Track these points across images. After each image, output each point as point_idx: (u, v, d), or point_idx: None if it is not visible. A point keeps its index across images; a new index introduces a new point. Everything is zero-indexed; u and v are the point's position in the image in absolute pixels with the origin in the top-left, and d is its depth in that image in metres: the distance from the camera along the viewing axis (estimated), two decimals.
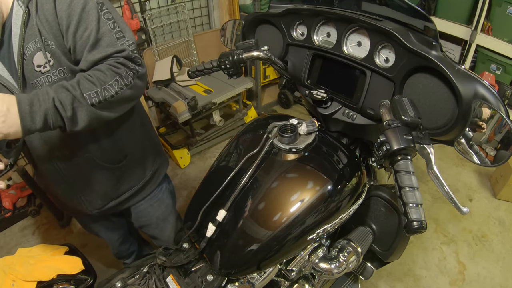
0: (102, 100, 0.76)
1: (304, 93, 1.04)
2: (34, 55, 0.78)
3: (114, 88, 0.78)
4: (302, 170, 0.84)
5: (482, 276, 1.79)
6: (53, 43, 0.78)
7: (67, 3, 0.76)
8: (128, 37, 0.83)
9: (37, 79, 0.80)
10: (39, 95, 0.69)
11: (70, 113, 0.72)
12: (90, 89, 0.74)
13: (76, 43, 0.79)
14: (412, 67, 0.77)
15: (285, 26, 1.04)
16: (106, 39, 0.80)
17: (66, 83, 0.73)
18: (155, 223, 1.26)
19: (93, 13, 0.78)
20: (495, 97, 0.68)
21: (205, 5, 2.89)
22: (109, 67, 0.79)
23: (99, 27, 0.79)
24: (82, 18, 0.77)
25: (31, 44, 0.77)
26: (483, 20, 2.26)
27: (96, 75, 0.76)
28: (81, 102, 0.73)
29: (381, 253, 1.07)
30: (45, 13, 0.76)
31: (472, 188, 2.33)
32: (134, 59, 0.83)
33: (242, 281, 0.89)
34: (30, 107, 0.67)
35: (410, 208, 0.61)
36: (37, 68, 0.79)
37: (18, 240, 2.05)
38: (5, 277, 0.90)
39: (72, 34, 0.78)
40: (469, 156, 0.75)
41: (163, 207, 1.25)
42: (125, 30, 0.83)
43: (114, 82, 0.78)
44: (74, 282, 0.94)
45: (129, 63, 0.82)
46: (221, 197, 0.86)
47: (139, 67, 0.84)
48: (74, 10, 0.76)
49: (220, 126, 2.73)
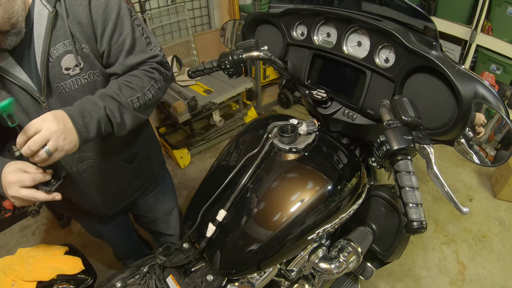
0: (142, 104, 0.82)
1: (304, 93, 1.04)
2: (63, 57, 0.76)
3: (151, 92, 0.84)
4: (302, 170, 0.84)
5: (482, 276, 1.79)
6: (86, 46, 0.78)
7: (103, 8, 0.77)
8: (155, 43, 0.88)
9: (65, 82, 0.79)
10: (86, 106, 0.72)
11: (119, 119, 0.77)
12: (132, 95, 0.79)
13: (111, 47, 0.81)
14: (412, 67, 0.77)
15: (285, 26, 1.04)
16: (139, 45, 0.84)
17: (109, 91, 0.77)
18: (161, 217, 1.28)
19: (127, 19, 0.81)
20: (495, 97, 0.68)
21: (205, 5, 2.89)
22: (144, 72, 0.84)
23: (133, 32, 0.82)
24: (117, 23, 0.79)
25: (60, 45, 0.75)
26: (483, 20, 2.26)
27: (135, 81, 0.81)
28: (127, 108, 0.79)
29: (381, 253, 1.07)
30: (77, 16, 0.76)
31: (472, 188, 2.33)
32: (165, 64, 0.90)
33: (242, 281, 0.89)
34: (83, 119, 0.70)
35: (410, 208, 0.61)
36: (65, 71, 0.78)
37: (18, 240, 2.05)
38: (5, 277, 0.90)
39: (108, 38, 0.79)
40: (469, 156, 0.75)
41: (168, 200, 1.28)
42: (150, 35, 0.88)
43: (151, 86, 0.84)
44: (74, 282, 0.94)
45: (161, 67, 0.88)
46: (221, 197, 0.86)
47: (168, 71, 0.91)
48: (110, 16, 0.78)
49: (220, 126, 2.73)
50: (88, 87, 0.82)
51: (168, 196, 1.28)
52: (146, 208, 1.23)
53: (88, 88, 0.82)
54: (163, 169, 1.25)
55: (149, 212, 1.25)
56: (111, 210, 1.09)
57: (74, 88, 0.80)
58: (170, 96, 2.48)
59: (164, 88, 0.90)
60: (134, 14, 0.84)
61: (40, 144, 0.63)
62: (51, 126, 0.64)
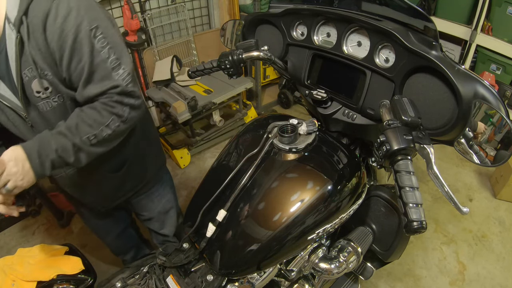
0: (101, 140, 0.81)
1: (304, 93, 1.04)
2: (32, 81, 0.76)
3: (110, 128, 0.81)
4: (302, 170, 0.84)
5: (482, 276, 1.79)
6: (49, 72, 0.76)
7: (58, 34, 0.72)
8: (125, 64, 0.80)
9: (38, 103, 0.80)
10: (43, 146, 0.75)
11: (73, 158, 0.78)
12: (88, 132, 0.78)
13: (71, 75, 0.77)
14: (412, 67, 0.77)
15: (285, 26, 1.04)
16: (100, 71, 0.77)
17: (65, 129, 0.77)
18: (156, 217, 1.29)
19: (86, 43, 0.74)
20: (495, 97, 0.68)
21: (205, 5, 2.89)
22: (104, 107, 0.79)
23: (92, 58, 0.75)
24: (74, 49, 0.74)
25: (27, 71, 0.75)
26: (483, 20, 2.26)
27: (93, 117, 0.78)
28: (81, 147, 0.79)
29: (381, 253, 1.07)
30: (38, 42, 0.73)
31: (472, 188, 2.33)
32: (130, 93, 0.81)
33: (242, 281, 0.89)
34: (39, 159, 0.74)
35: (410, 208, 0.61)
36: (36, 94, 0.78)
37: (18, 240, 2.05)
38: (5, 277, 0.90)
39: (66, 66, 0.76)
40: (469, 156, 0.75)
41: (164, 201, 1.28)
42: (121, 55, 0.79)
43: (111, 121, 0.80)
44: (74, 282, 0.94)
45: (124, 98, 0.81)
46: (221, 197, 0.86)
47: (135, 100, 0.83)
48: (66, 42, 0.72)
49: (220, 126, 2.73)
50: (59, 109, 0.83)
51: (164, 197, 1.27)
52: (140, 207, 1.24)
53: (60, 110, 0.83)
54: (160, 170, 1.23)
55: (143, 211, 1.26)
56: (105, 207, 1.14)
57: (47, 109, 0.82)
58: (170, 96, 2.48)
59: (131, 119, 0.84)
60: (101, 32, 0.75)
61: (2, 184, 0.72)
62: (11, 169, 0.71)
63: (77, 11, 0.72)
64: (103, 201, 1.14)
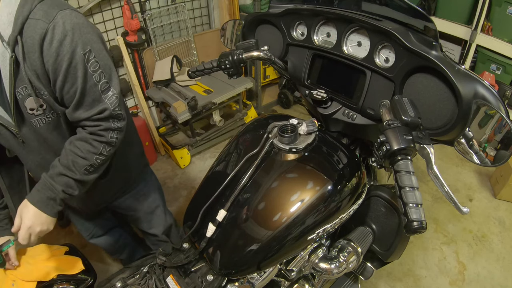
0: (97, 167, 0.88)
1: (304, 93, 1.04)
2: (25, 99, 0.78)
3: (103, 154, 0.87)
4: (302, 170, 0.84)
5: (482, 276, 1.79)
6: (45, 91, 0.78)
7: (54, 58, 0.73)
8: (113, 86, 0.84)
9: (31, 120, 0.82)
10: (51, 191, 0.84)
11: (77, 190, 0.87)
12: (85, 164, 0.85)
13: (63, 96, 0.81)
14: (412, 67, 0.77)
15: (285, 26, 1.04)
16: (91, 95, 0.80)
17: (63, 169, 0.83)
18: (143, 216, 1.30)
19: (80, 68, 0.76)
20: (495, 97, 0.68)
21: (205, 5, 2.89)
22: (94, 137, 0.85)
23: (85, 83, 0.78)
24: (68, 74, 0.76)
25: (21, 89, 0.76)
26: (483, 20, 2.26)
27: (85, 148, 0.84)
28: (82, 179, 0.86)
29: (381, 253, 1.07)
30: (33, 64, 0.74)
31: (472, 188, 2.33)
32: (117, 115, 0.86)
33: (242, 281, 0.89)
34: (51, 204, 0.85)
35: (410, 208, 0.61)
36: (29, 111, 0.80)
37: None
38: (5, 277, 0.90)
39: (59, 89, 0.78)
40: (469, 156, 0.75)
41: (150, 200, 1.29)
42: (111, 78, 0.83)
43: (102, 149, 0.86)
44: (74, 282, 0.94)
45: (111, 124, 0.86)
46: (221, 197, 0.86)
47: (121, 123, 0.88)
48: (61, 66, 0.74)
49: (220, 126, 2.73)
50: (52, 125, 0.86)
51: (149, 196, 1.29)
52: (126, 207, 1.24)
53: (53, 126, 0.87)
54: (143, 171, 1.26)
55: (130, 211, 1.27)
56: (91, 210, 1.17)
57: (40, 126, 0.84)
58: (170, 96, 2.48)
59: (119, 141, 0.90)
60: (93, 57, 0.78)
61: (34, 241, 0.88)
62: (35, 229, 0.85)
63: (71, 36, 0.73)
64: (90, 205, 1.16)
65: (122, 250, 1.54)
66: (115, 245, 1.49)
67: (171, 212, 1.47)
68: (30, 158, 0.94)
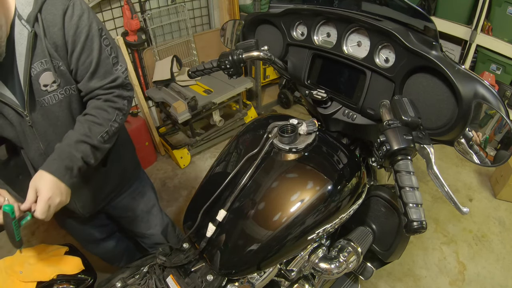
0: (111, 135, 0.92)
1: (304, 93, 1.04)
2: (41, 75, 0.81)
3: (117, 121, 0.92)
4: (302, 170, 0.84)
5: (482, 276, 1.79)
6: (63, 64, 0.84)
7: (74, 29, 0.82)
8: (121, 62, 0.94)
9: (44, 97, 0.85)
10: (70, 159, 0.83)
11: (93, 160, 0.88)
12: (101, 131, 0.88)
13: (78, 67, 0.86)
14: (412, 67, 0.77)
15: (285, 26, 1.04)
16: (104, 66, 0.89)
17: (81, 135, 0.85)
18: (140, 216, 1.30)
19: (96, 41, 0.85)
20: (495, 97, 0.68)
21: (205, 5, 2.89)
22: (109, 104, 0.91)
23: (100, 54, 0.87)
24: (86, 45, 0.84)
25: (37, 64, 0.81)
26: (483, 20, 2.26)
27: (102, 116, 0.88)
28: (98, 147, 0.88)
29: (381, 253, 1.07)
30: (53, 36, 0.81)
31: (472, 188, 2.33)
32: (127, 85, 0.95)
33: (242, 281, 0.89)
34: (69, 173, 0.83)
35: (410, 208, 0.61)
36: (43, 88, 0.83)
37: None
38: (5, 278, 0.90)
39: (76, 59, 0.85)
40: (469, 156, 0.75)
41: (146, 199, 1.30)
42: (118, 54, 0.93)
43: (116, 116, 0.92)
44: (74, 282, 0.94)
45: (123, 92, 0.94)
46: (221, 197, 0.86)
47: (130, 92, 0.97)
48: (79, 37, 0.83)
49: (220, 126, 2.73)
50: (65, 102, 0.89)
51: (145, 195, 1.30)
52: (123, 207, 1.24)
53: (65, 102, 0.90)
54: (136, 169, 1.27)
55: (127, 211, 1.26)
56: (89, 212, 1.14)
57: (53, 103, 0.87)
58: (170, 96, 2.48)
59: (128, 110, 0.97)
60: (105, 34, 0.89)
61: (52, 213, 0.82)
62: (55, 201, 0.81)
63: (88, 13, 0.84)
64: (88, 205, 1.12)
65: (121, 257, 1.53)
66: (114, 251, 1.48)
67: (171, 212, 1.47)
68: (34, 146, 0.92)
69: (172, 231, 1.45)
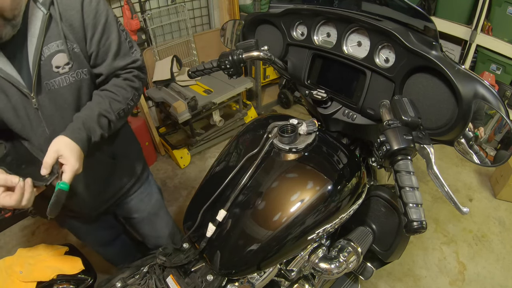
0: (127, 113, 0.96)
1: (304, 93, 1.04)
2: (54, 56, 0.82)
3: (133, 101, 0.97)
4: (302, 170, 0.84)
5: (482, 276, 1.79)
6: (77, 46, 0.85)
7: (93, 14, 0.85)
8: (135, 47, 0.98)
9: (54, 79, 0.84)
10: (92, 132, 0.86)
11: (107, 134, 0.92)
12: (119, 108, 0.93)
13: (99, 49, 0.89)
14: (412, 67, 0.77)
15: (285, 26, 1.04)
16: (124, 48, 0.93)
17: (102, 109, 0.88)
18: (147, 218, 1.29)
19: (114, 25, 0.90)
20: (495, 97, 0.68)
21: (205, 5, 2.89)
22: (128, 83, 0.95)
23: (119, 37, 0.91)
24: (106, 28, 0.88)
25: (52, 45, 0.81)
26: (483, 20, 2.26)
27: (121, 93, 0.93)
28: (114, 122, 0.92)
29: (381, 253, 1.07)
30: (70, 19, 0.83)
31: (472, 188, 2.33)
32: (143, 68, 1.01)
33: (242, 281, 0.89)
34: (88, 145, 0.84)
35: (410, 208, 0.61)
36: (55, 69, 0.83)
37: (18, 240, 2.05)
38: (5, 278, 0.90)
39: (97, 41, 0.88)
40: (469, 156, 0.75)
41: (153, 201, 1.29)
42: (131, 39, 0.97)
43: (133, 96, 0.96)
44: (74, 282, 0.94)
45: (140, 73, 0.99)
46: (221, 197, 0.86)
47: (145, 75, 1.02)
48: (100, 21, 0.86)
49: (220, 126, 2.73)
50: (75, 85, 0.89)
51: (153, 197, 1.29)
52: (131, 209, 1.23)
53: (76, 86, 0.89)
54: (145, 169, 1.26)
55: (134, 213, 1.26)
56: (96, 210, 1.12)
57: (63, 85, 0.86)
58: (170, 96, 2.48)
59: (142, 92, 1.02)
60: (119, 21, 0.93)
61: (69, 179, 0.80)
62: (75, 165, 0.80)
63: (103, 1, 0.88)
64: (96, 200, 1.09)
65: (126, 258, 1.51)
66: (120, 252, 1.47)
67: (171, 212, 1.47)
68: (40, 131, 0.88)
69: (177, 233, 1.45)
